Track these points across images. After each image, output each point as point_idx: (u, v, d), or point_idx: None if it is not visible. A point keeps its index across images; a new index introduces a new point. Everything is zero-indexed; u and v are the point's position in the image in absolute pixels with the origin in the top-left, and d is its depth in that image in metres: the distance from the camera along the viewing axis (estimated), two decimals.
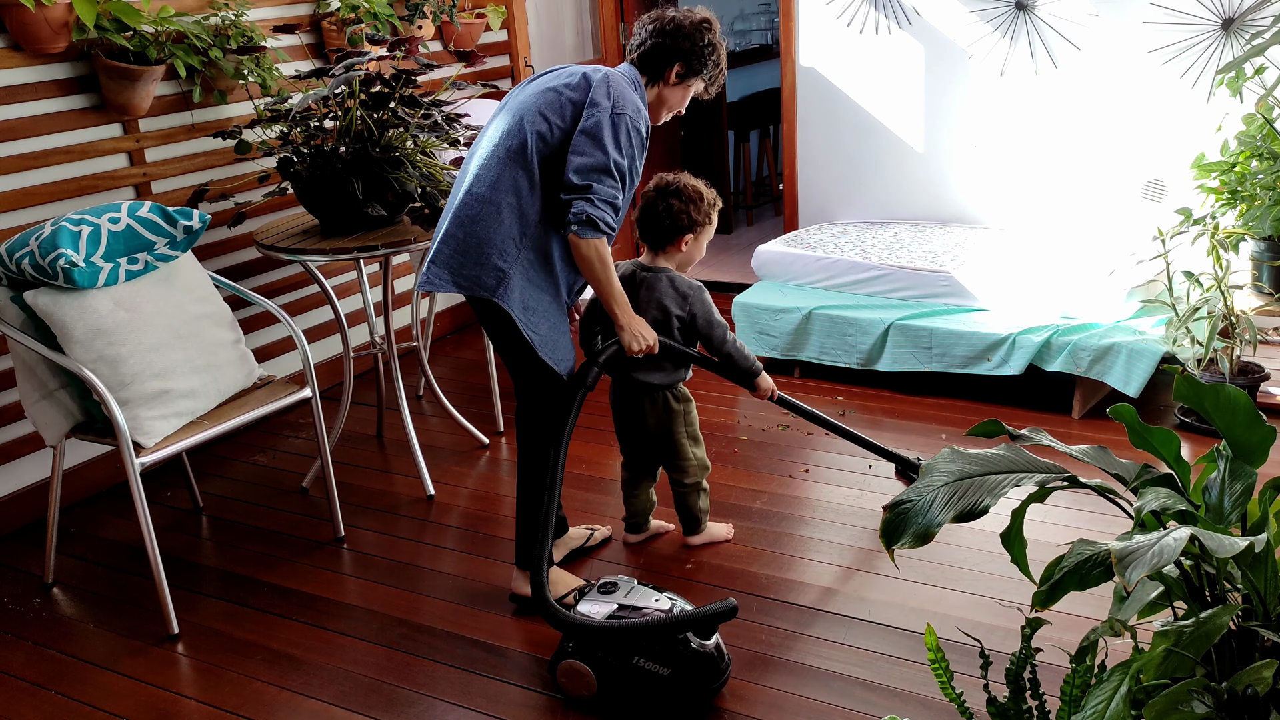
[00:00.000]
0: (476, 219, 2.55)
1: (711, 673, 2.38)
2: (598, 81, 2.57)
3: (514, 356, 2.66)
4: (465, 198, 2.58)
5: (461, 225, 2.56)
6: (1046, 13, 4.42)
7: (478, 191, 2.56)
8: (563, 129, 2.55)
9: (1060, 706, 1.74)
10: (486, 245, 2.54)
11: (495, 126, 2.62)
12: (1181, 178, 4.29)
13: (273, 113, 3.22)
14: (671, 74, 2.69)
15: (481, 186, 2.56)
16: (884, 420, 3.84)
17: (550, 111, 2.55)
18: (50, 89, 3.31)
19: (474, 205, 2.56)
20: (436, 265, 2.58)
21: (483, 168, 2.57)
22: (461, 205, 2.58)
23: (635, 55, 2.71)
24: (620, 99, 2.55)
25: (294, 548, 3.21)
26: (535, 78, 2.69)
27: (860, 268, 4.25)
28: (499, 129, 2.60)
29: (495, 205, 2.54)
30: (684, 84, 2.72)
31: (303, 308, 4.23)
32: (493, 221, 2.54)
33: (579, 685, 2.41)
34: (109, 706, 2.54)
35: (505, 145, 2.56)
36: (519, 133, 2.55)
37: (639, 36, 2.70)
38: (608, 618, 2.37)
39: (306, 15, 4.09)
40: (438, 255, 2.59)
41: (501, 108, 2.66)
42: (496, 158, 2.56)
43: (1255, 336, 3.47)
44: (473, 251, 2.55)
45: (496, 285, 2.55)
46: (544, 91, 2.59)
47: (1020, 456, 1.73)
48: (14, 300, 2.80)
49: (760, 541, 3.08)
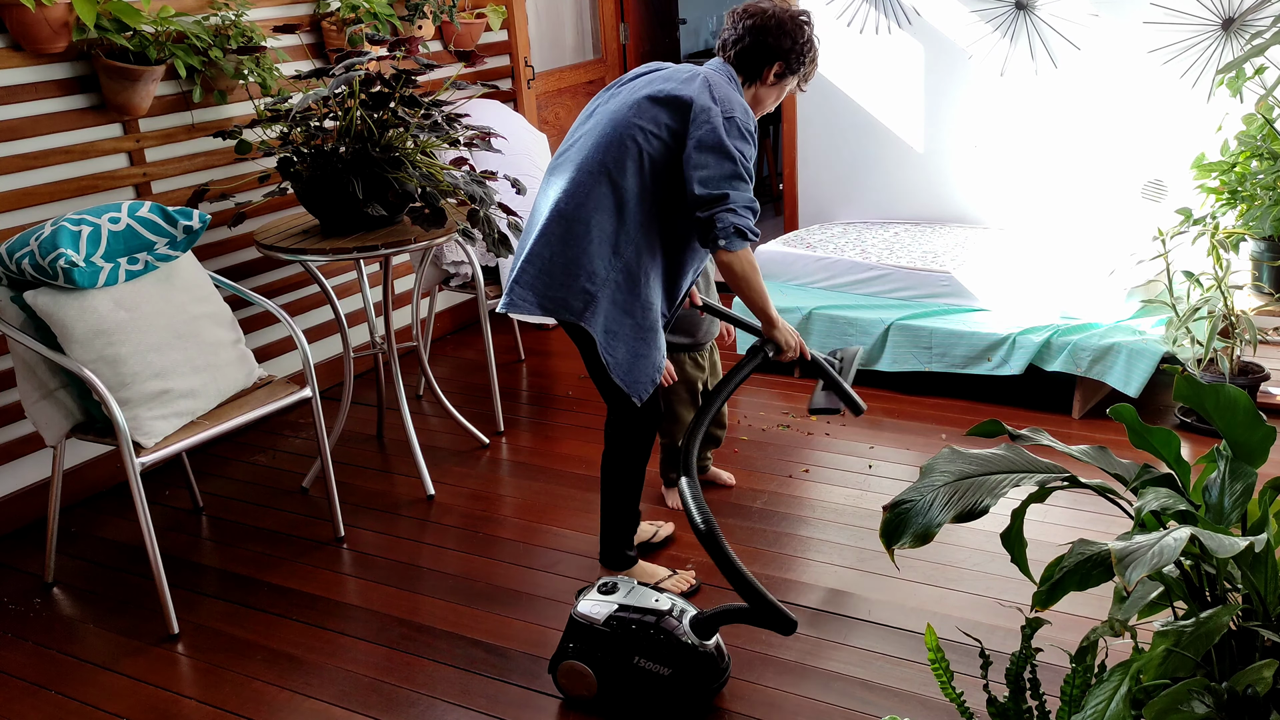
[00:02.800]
0: (565, 239, 2.44)
1: (712, 673, 2.38)
2: (698, 87, 2.44)
3: (598, 374, 2.60)
4: (552, 214, 2.46)
5: (549, 244, 2.45)
6: (1046, 13, 4.42)
7: (566, 209, 2.44)
8: (663, 141, 2.42)
9: (1060, 706, 1.74)
10: (575, 266, 2.43)
11: (585, 138, 2.49)
12: (1181, 178, 4.29)
13: (273, 113, 3.22)
14: (770, 73, 2.57)
15: (570, 204, 2.43)
16: (884, 420, 3.84)
17: (648, 123, 2.42)
18: (50, 89, 3.31)
19: (562, 223, 2.44)
20: (521, 286, 2.48)
21: (572, 183, 2.44)
22: (549, 223, 2.46)
23: (732, 53, 2.56)
24: (727, 101, 2.43)
25: (294, 548, 3.21)
26: (624, 83, 2.57)
27: (860, 268, 4.25)
28: (590, 141, 2.46)
29: (585, 224, 2.42)
30: (780, 83, 2.60)
31: (303, 308, 4.23)
32: (582, 241, 2.43)
33: (579, 685, 2.41)
34: (109, 706, 2.54)
35: (599, 160, 2.43)
36: (616, 147, 2.42)
37: (734, 33, 2.56)
38: (608, 618, 2.37)
39: (306, 15, 4.09)
40: (521, 275, 2.48)
41: (589, 116, 2.55)
42: (588, 173, 2.43)
43: (1255, 336, 3.47)
44: (559, 273, 2.44)
45: (583, 309, 2.45)
46: (639, 101, 2.44)
47: (1020, 456, 1.73)
48: (14, 300, 2.80)
49: (760, 541, 3.08)
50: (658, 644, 2.34)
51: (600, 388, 2.66)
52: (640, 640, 2.34)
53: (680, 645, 2.34)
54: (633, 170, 2.42)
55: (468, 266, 3.98)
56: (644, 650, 2.34)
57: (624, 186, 2.42)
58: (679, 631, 2.35)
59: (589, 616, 2.39)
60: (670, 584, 2.81)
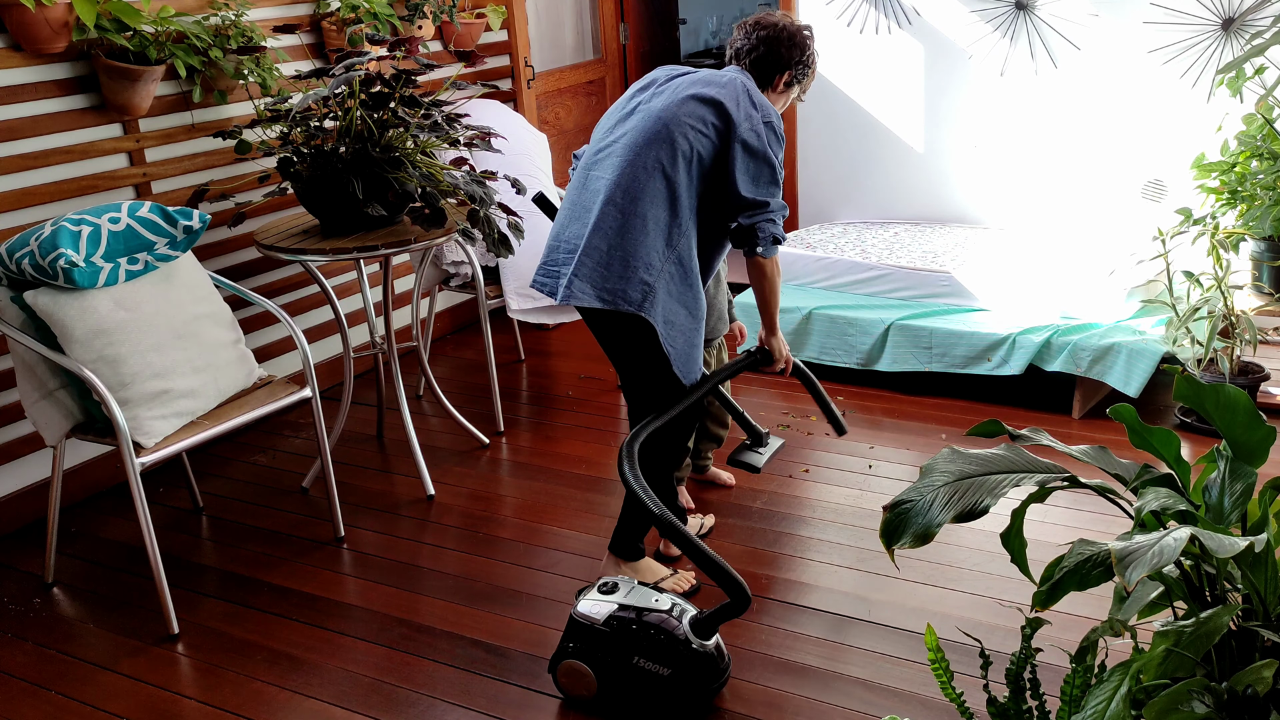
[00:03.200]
0: (622, 231, 2.50)
1: (711, 673, 2.38)
2: (739, 90, 2.54)
3: (643, 365, 2.62)
4: (607, 208, 2.51)
5: (605, 237, 2.50)
6: (1046, 13, 4.42)
7: (621, 202, 2.50)
8: (710, 140, 2.51)
9: (1060, 706, 1.74)
10: (633, 258, 2.49)
11: (631, 133, 2.55)
12: (1181, 178, 4.29)
13: (273, 113, 3.22)
14: (780, 82, 2.71)
15: (625, 197, 2.50)
16: (884, 420, 3.84)
17: (696, 121, 2.51)
18: (50, 89, 3.31)
19: (618, 216, 2.50)
20: (580, 279, 2.51)
21: (625, 175, 2.50)
22: (603, 215, 2.51)
23: (748, 61, 2.69)
24: (765, 107, 2.55)
25: (294, 548, 3.21)
26: (660, 82, 2.65)
27: (860, 268, 4.25)
28: (638, 136, 2.53)
29: (641, 217, 2.49)
30: (787, 92, 2.75)
31: (303, 308, 4.23)
32: (639, 234, 2.49)
33: (579, 685, 2.41)
34: (109, 706, 2.54)
35: (651, 154, 2.50)
36: (667, 142, 2.50)
37: (748, 42, 2.68)
38: (608, 618, 2.37)
39: (306, 15, 4.09)
40: (580, 268, 2.51)
41: (629, 113, 2.61)
42: (641, 166, 2.50)
43: (1255, 336, 3.47)
44: (618, 265, 2.50)
45: (642, 300, 2.50)
46: (686, 100, 2.53)
47: (1020, 456, 1.73)
48: (14, 300, 2.80)
49: (760, 541, 3.08)
50: (658, 644, 2.34)
51: (636, 380, 2.69)
52: (640, 640, 2.34)
53: (680, 645, 2.34)
54: (682, 165, 2.50)
55: (468, 266, 3.98)
56: (644, 650, 2.34)
57: (675, 180, 2.50)
58: (679, 632, 2.35)
59: (589, 616, 2.39)
60: (670, 583, 2.82)
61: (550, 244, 2.65)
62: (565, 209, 2.65)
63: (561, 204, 2.70)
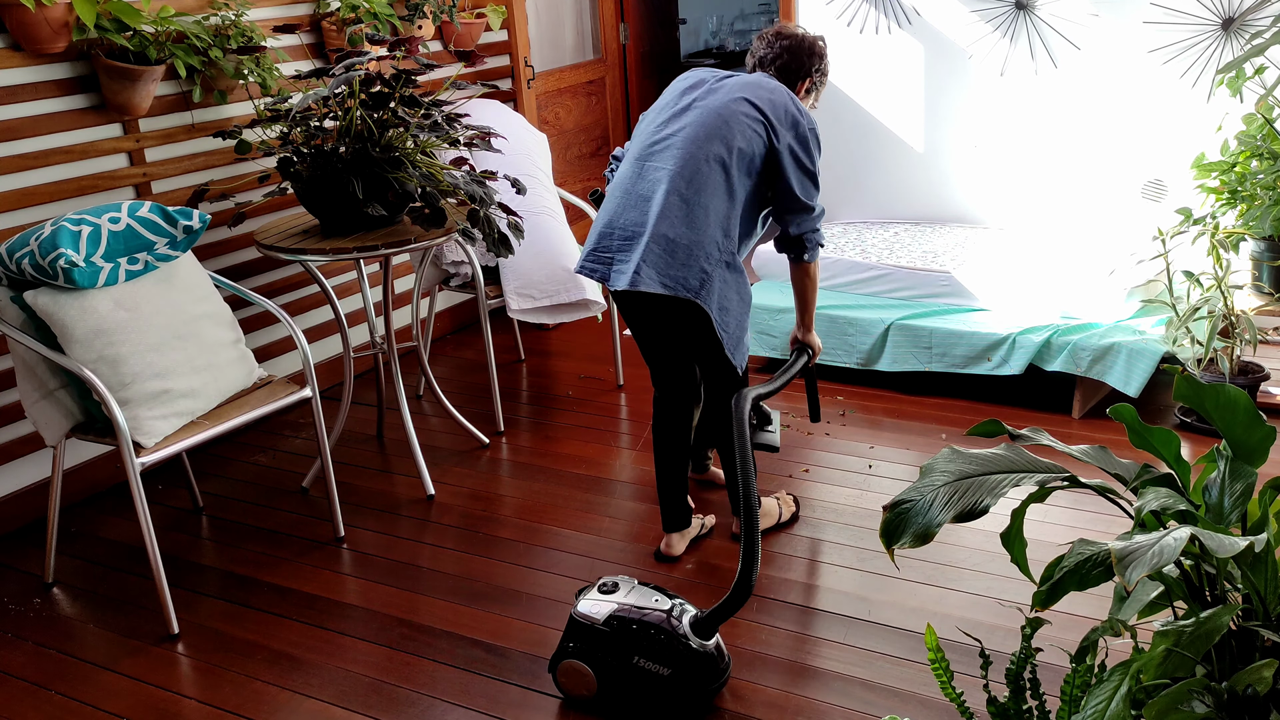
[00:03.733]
0: (688, 220, 2.62)
1: (711, 673, 2.38)
2: (787, 97, 2.72)
3: (697, 349, 2.78)
4: (670, 198, 2.63)
5: (671, 225, 2.62)
6: (1046, 13, 4.42)
7: (685, 192, 2.62)
8: (763, 141, 2.66)
9: (1060, 706, 1.74)
10: (696, 247, 2.62)
11: (690, 128, 2.68)
12: (1181, 178, 4.29)
13: (273, 113, 3.22)
14: (802, 89, 2.88)
15: (689, 188, 2.63)
16: (884, 420, 3.84)
17: (751, 121, 2.66)
18: (50, 89, 3.31)
19: (682, 205, 2.62)
20: (648, 265, 2.62)
21: (686, 167, 2.63)
22: (667, 204, 2.63)
23: (773, 69, 2.85)
24: (807, 114, 2.74)
25: (294, 548, 3.21)
26: (707, 82, 2.78)
27: (860, 268, 4.25)
28: (696, 130, 2.66)
29: (704, 208, 2.62)
30: (805, 99, 2.93)
31: (303, 308, 4.23)
32: (702, 223, 2.62)
33: (579, 685, 2.41)
34: (109, 706, 2.54)
35: (712, 148, 2.63)
36: (724, 139, 2.64)
37: (772, 51, 2.85)
38: (608, 618, 2.37)
39: (306, 15, 4.09)
40: (648, 255, 2.62)
41: (684, 109, 2.73)
42: (703, 159, 2.63)
43: (1255, 336, 3.47)
44: (683, 253, 2.62)
45: (699, 287, 2.62)
46: (740, 100, 2.68)
47: (1020, 456, 1.73)
48: (14, 300, 2.80)
49: (762, 543, 3.08)
50: (658, 644, 2.34)
51: (676, 361, 2.85)
52: (640, 640, 2.34)
53: (680, 645, 2.34)
54: (738, 160, 2.65)
55: (468, 266, 3.98)
56: (644, 650, 2.34)
57: (732, 174, 2.66)
58: (679, 631, 2.35)
59: (589, 616, 2.39)
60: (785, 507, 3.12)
61: (602, 230, 2.75)
62: (617, 198, 2.75)
63: (611, 193, 2.81)
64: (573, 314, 4.09)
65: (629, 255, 2.67)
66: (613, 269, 2.70)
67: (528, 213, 3.92)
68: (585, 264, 2.77)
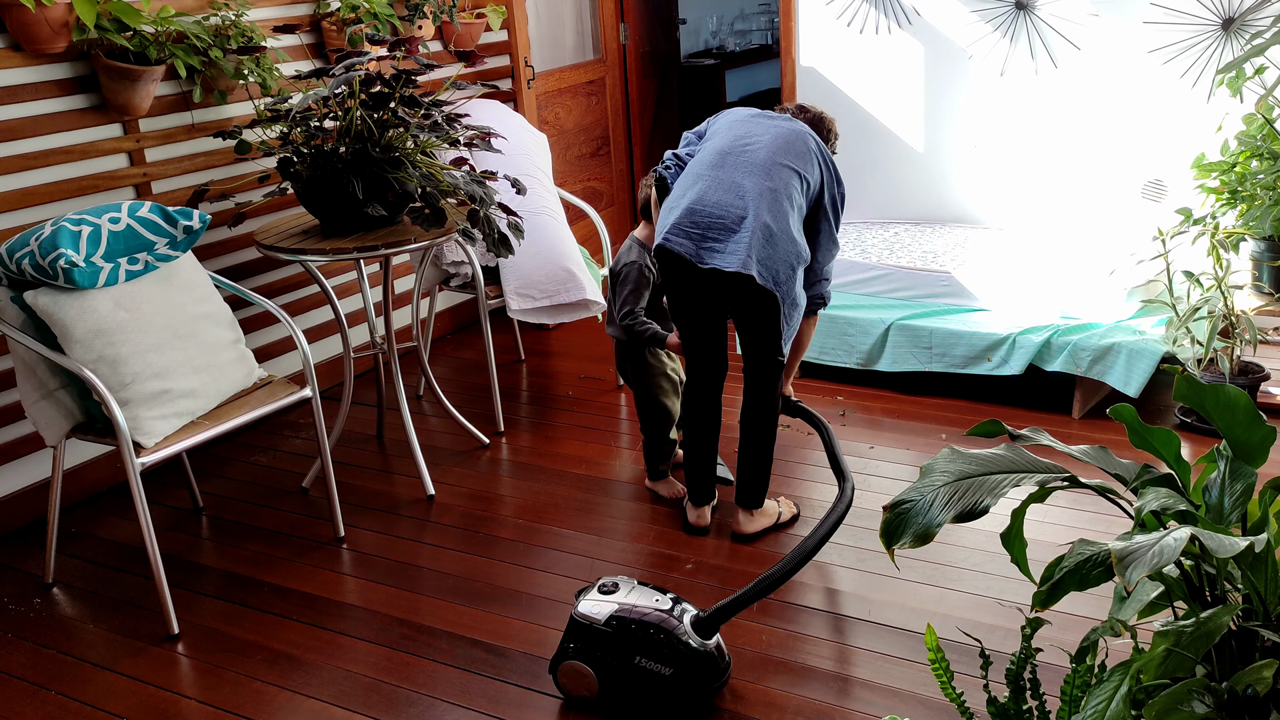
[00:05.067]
0: (780, 215, 2.79)
1: (712, 672, 2.38)
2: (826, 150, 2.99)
3: (758, 333, 2.90)
4: (765, 190, 2.78)
5: (772, 215, 2.78)
6: (1046, 13, 4.42)
7: (776, 188, 2.80)
8: (820, 171, 2.91)
9: (1060, 706, 1.74)
10: (788, 242, 2.80)
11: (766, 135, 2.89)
12: (1181, 178, 4.29)
13: (273, 113, 3.22)
14: None
15: (778, 184, 2.80)
16: (884, 420, 3.84)
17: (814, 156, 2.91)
18: (50, 89, 3.31)
19: (774, 199, 2.79)
20: (754, 252, 2.74)
21: (772, 169, 2.81)
22: (763, 195, 2.78)
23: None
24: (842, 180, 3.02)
25: (294, 548, 3.21)
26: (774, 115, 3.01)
27: (860, 268, 4.25)
28: (774, 140, 2.87)
29: (790, 206, 2.82)
30: None
31: (303, 308, 4.23)
32: (787, 221, 2.80)
33: (580, 686, 2.41)
34: (109, 706, 2.54)
35: (788, 161, 2.84)
36: (798, 155, 2.86)
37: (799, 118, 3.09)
38: (609, 618, 2.37)
39: (306, 15, 4.09)
40: (754, 241, 2.75)
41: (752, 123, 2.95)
42: (785, 167, 2.83)
43: (1255, 336, 3.47)
44: (776, 245, 2.78)
45: (785, 281, 2.80)
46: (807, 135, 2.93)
47: (1020, 456, 1.73)
48: (14, 300, 2.80)
49: (760, 542, 3.08)
50: (659, 644, 2.34)
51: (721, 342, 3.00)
52: (641, 640, 2.34)
53: (681, 645, 2.34)
54: (807, 177, 2.87)
55: (468, 266, 3.98)
56: (645, 650, 2.34)
57: (803, 188, 2.86)
58: (680, 631, 2.35)
59: (590, 616, 2.39)
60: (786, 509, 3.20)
61: (690, 207, 2.82)
62: (705, 179, 2.85)
63: (692, 175, 2.90)
64: (573, 314, 4.09)
65: (730, 239, 2.76)
66: (704, 247, 2.78)
67: (528, 213, 3.92)
68: (671, 237, 2.81)
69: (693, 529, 3.14)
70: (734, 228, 2.76)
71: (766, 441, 3.04)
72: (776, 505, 3.18)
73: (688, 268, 2.81)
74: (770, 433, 3.03)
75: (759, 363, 2.95)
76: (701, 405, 3.06)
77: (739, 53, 7.79)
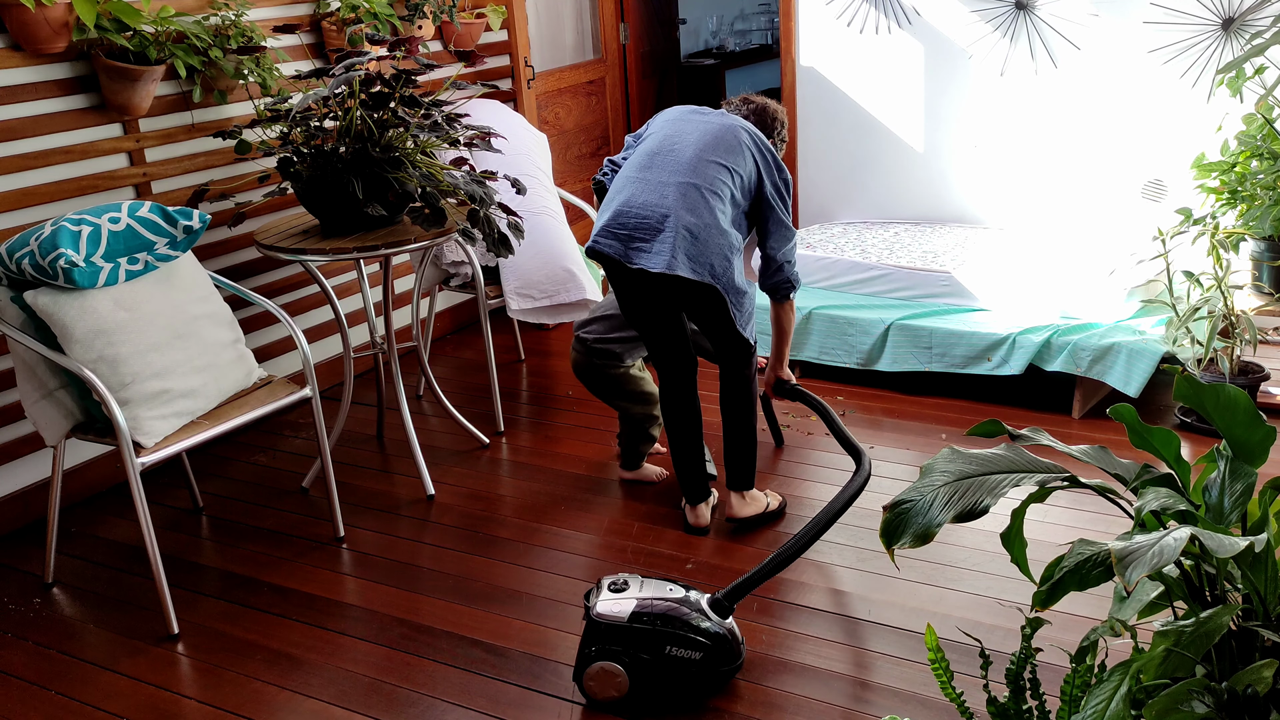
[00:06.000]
0: (706, 211, 2.85)
1: (732, 653, 2.43)
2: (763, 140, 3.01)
3: (714, 327, 2.98)
4: (688, 188, 2.85)
5: (694, 213, 2.83)
6: (1046, 13, 4.42)
7: (701, 185, 2.86)
8: (753, 160, 2.95)
9: (1060, 706, 1.74)
10: (715, 235, 2.85)
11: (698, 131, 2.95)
12: (1181, 178, 4.29)
13: (273, 113, 3.22)
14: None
15: (702, 182, 2.86)
16: (884, 420, 3.84)
17: (746, 145, 2.95)
18: (50, 89, 3.31)
19: (699, 196, 2.84)
20: (680, 251, 2.81)
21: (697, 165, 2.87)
22: (686, 194, 2.84)
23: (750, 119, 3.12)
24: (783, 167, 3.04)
25: (294, 548, 3.21)
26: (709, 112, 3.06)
27: (860, 268, 4.25)
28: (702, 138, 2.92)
29: (717, 199, 2.88)
30: None
31: (303, 308, 4.23)
32: (712, 215, 2.86)
33: (608, 687, 2.40)
34: (109, 706, 2.54)
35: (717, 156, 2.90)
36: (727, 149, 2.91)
37: (740, 111, 3.13)
38: (633, 614, 2.37)
39: (306, 15, 4.09)
40: (679, 241, 2.81)
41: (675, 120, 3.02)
42: (711, 161, 2.88)
43: (1255, 336, 3.47)
44: (703, 241, 2.83)
45: (721, 273, 2.87)
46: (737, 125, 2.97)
47: (1020, 456, 1.73)
48: (14, 300, 2.80)
49: (760, 542, 3.08)
50: (686, 630, 2.37)
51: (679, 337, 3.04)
52: (669, 630, 2.37)
53: (704, 629, 2.39)
54: (740, 170, 2.92)
55: (468, 266, 3.98)
56: (675, 639, 2.37)
57: (734, 181, 2.91)
58: (700, 616, 2.39)
59: (612, 615, 2.38)
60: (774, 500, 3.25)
61: (618, 209, 2.89)
62: (633, 181, 2.93)
63: (623, 178, 2.98)
64: (573, 314, 4.09)
65: (655, 239, 2.82)
66: (632, 248, 2.85)
67: (528, 213, 3.92)
68: (599, 239, 2.88)
69: (693, 530, 3.14)
70: (659, 227, 2.83)
71: (748, 424, 3.10)
72: (763, 496, 3.22)
73: (619, 268, 2.91)
74: (751, 415, 3.10)
75: (725, 350, 3.03)
76: (679, 403, 3.09)
77: (739, 53, 7.79)
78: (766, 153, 2.98)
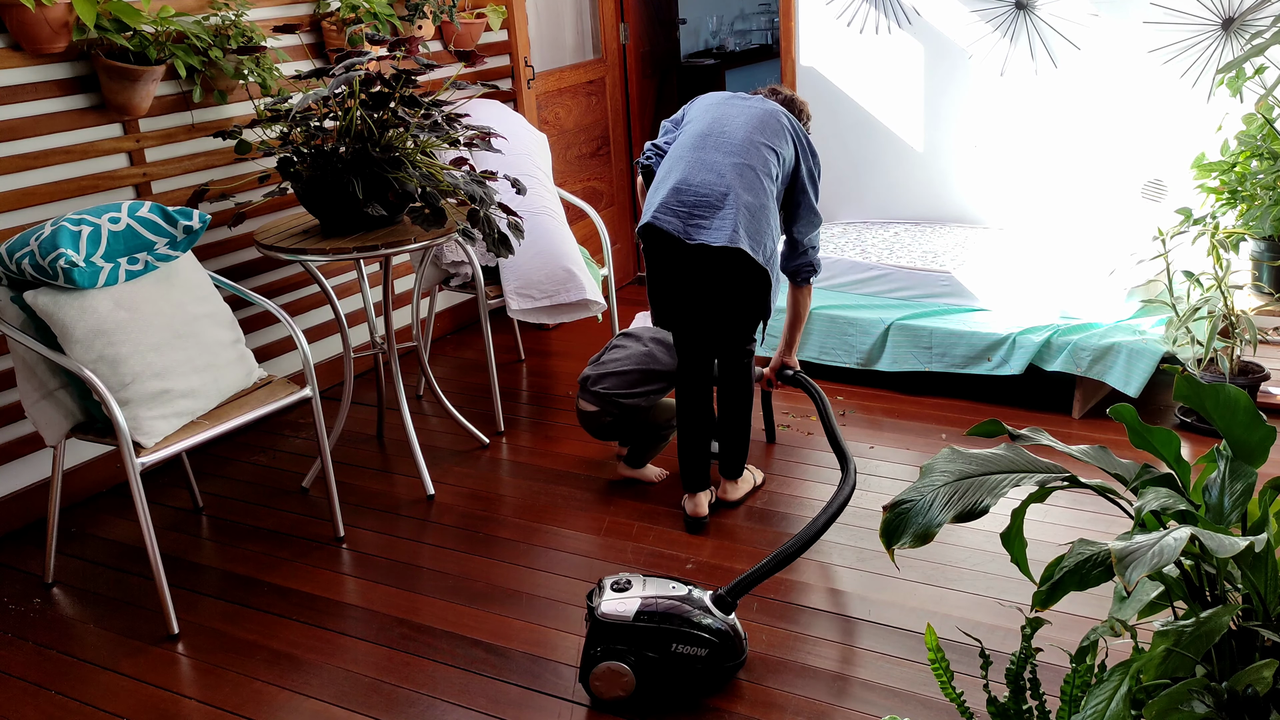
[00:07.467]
0: (760, 191, 2.92)
1: (736, 649, 2.43)
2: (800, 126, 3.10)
3: (744, 307, 3.02)
4: (744, 169, 2.91)
5: (751, 192, 2.90)
6: (1046, 13, 4.42)
7: (755, 166, 2.93)
8: (792, 146, 3.04)
9: (1060, 706, 1.74)
10: (768, 218, 2.94)
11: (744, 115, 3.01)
12: (1181, 178, 4.29)
13: (273, 113, 3.22)
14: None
15: (755, 162, 2.93)
16: (884, 420, 3.84)
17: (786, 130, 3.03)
18: (50, 89, 3.31)
19: (754, 177, 2.92)
20: (741, 227, 2.86)
21: (748, 148, 2.93)
22: (743, 174, 2.91)
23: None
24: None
25: (294, 548, 3.21)
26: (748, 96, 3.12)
27: (860, 268, 4.25)
28: (750, 120, 2.99)
29: (769, 182, 2.96)
30: None
31: (303, 308, 4.23)
32: (766, 198, 2.95)
33: (615, 687, 2.39)
34: (109, 706, 2.54)
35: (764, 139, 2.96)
36: (773, 133, 2.98)
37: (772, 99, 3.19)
38: (638, 613, 2.38)
39: (306, 15, 4.09)
40: (740, 217, 2.86)
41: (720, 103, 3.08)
42: (760, 144, 2.95)
43: (1255, 336, 3.47)
44: (759, 221, 2.91)
45: (769, 257, 2.95)
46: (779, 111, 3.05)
47: (1020, 456, 1.73)
48: (14, 300, 2.80)
49: (760, 541, 3.08)
50: (691, 627, 2.38)
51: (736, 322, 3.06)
52: (674, 628, 2.37)
53: (708, 626, 2.40)
54: (781, 155, 3.00)
55: (468, 266, 3.98)
56: (681, 636, 2.37)
57: (778, 166, 2.98)
58: (704, 612, 2.40)
59: (617, 615, 2.38)
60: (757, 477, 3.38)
61: (675, 186, 2.93)
62: (686, 161, 2.97)
63: (675, 158, 3.01)
64: (573, 314, 4.10)
65: (714, 215, 2.87)
66: (691, 224, 2.88)
67: (528, 213, 3.92)
68: (659, 215, 2.91)
69: (692, 522, 3.15)
70: (718, 204, 2.88)
71: (745, 415, 3.19)
72: (750, 474, 3.36)
73: (675, 244, 2.92)
74: (747, 406, 3.18)
75: (735, 338, 3.08)
76: (695, 392, 3.13)
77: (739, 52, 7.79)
78: (804, 137, 3.06)
